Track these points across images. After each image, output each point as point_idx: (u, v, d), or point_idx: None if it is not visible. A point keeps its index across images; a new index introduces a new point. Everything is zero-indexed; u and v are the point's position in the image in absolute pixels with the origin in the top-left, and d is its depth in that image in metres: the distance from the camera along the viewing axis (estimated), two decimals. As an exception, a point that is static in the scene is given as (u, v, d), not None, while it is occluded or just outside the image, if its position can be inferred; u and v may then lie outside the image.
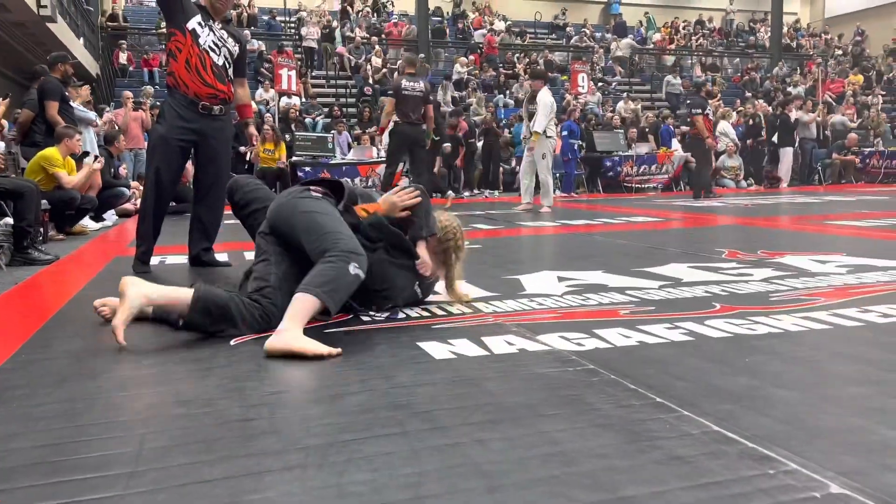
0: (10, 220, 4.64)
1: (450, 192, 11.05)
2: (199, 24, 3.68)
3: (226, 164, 3.97)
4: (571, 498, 1.12)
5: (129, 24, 17.50)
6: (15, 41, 12.60)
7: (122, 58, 15.73)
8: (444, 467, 1.25)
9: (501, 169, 12.64)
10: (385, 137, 8.74)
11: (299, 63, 14.44)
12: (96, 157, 6.69)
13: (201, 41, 3.67)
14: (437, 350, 2.06)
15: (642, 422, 1.46)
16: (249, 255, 3.73)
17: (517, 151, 11.52)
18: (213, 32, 3.74)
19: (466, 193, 11.93)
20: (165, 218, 3.88)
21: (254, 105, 6.51)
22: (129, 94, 10.29)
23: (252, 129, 4.24)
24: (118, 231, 6.61)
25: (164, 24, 13.75)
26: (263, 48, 16.06)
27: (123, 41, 16.19)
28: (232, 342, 2.17)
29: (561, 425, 1.45)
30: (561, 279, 3.26)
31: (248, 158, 9.58)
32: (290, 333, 2.01)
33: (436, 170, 10.97)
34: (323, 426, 1.47)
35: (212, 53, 3.71)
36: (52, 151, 5.91)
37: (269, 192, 3.03)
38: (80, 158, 6.44)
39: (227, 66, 3.81)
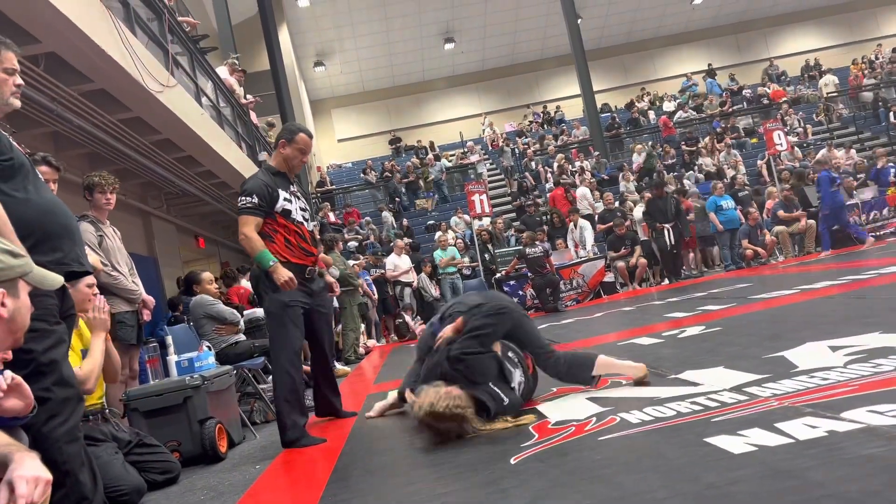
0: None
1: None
2: (286, 198, 3.50)
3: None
4: None
5: (334, 186, 19.65)
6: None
7: (332, 216, 17.58)
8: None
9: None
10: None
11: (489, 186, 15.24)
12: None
13: (294, 216, 3.52)
14: (731, 444, 1.92)
15: None
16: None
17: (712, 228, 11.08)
18: (298, 198, 3.59)
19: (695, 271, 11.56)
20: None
21: None
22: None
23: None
24: (360, 370, 7.11)
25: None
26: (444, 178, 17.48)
27: (328, 202, 18.15)
28: (512, 461, 2.20)
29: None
30: (834, 348, 2.93)
31: None
32: None
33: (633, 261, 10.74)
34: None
35: (304, 223, 3.60)
36: None
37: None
38: None
39: (313, 226, 3.71)
